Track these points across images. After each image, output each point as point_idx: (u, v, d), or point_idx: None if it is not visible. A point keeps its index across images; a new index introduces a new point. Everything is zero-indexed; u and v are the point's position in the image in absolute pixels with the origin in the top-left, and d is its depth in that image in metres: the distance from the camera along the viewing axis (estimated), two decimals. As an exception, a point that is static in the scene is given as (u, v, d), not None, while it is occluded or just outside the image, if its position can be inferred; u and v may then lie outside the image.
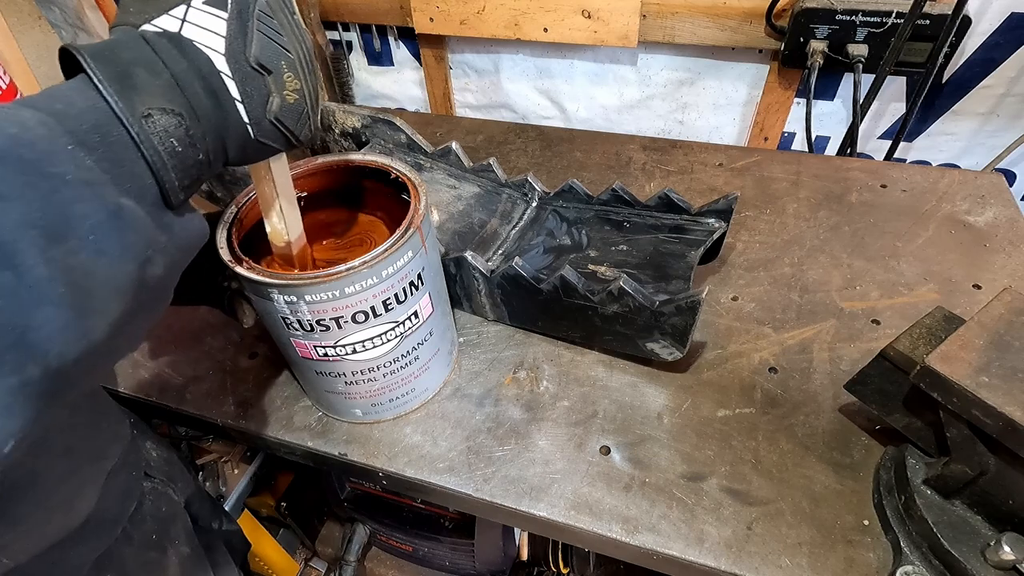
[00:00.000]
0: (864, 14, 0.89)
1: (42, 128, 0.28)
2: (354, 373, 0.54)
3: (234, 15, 0.36)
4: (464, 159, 0.79)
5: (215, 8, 0.35)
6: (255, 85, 0.37)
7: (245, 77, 0.36)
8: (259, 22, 0.36)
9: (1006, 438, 0.40)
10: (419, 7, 1.12)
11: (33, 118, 0.28)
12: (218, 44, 0.35)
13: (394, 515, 0.91)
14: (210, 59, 0.35)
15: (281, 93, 0.38)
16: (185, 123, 0.34)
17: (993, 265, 0.72)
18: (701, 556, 0.49)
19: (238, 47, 0.36)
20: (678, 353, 0.58)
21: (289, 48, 0.38)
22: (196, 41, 0.35)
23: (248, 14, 0.36)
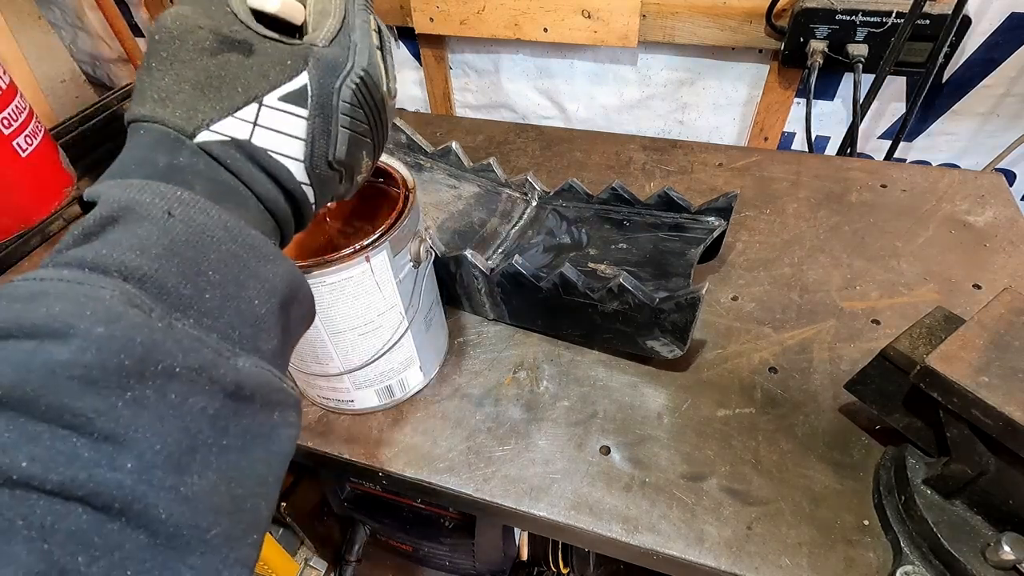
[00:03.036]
0: (864, 14, 0.89)
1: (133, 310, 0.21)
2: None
3: (316, 111, 0.29)
4: (464, 159, 0.79)
5: (294, 106, 0.28)
6: (331, 184, 0.31)
7: (323, 181, 0.30)
8: (344, 116, 0.29)
9: (1006, 438, 0.40)
10: (419, 7, 1.12)
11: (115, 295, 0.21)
12: (297, 150, 0.29)
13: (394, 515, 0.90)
14: (290, 170, 0.29)
15: (355, 179, 0.33)
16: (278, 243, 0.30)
17: (993, 265, 0.72)
18: (701, 556, 0.49)
19: (320, 150, 0.29)
20: (678, 350, 0.58)
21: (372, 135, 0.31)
22: (272, 150, 0.28)
23: (332, 108, 0.29)
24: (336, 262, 0.47)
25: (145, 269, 0.23)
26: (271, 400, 0.25)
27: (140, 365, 0.21)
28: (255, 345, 0.25)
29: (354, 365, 0.55)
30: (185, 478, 0.21)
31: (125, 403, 0.20)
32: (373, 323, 0.53)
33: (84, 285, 0.21)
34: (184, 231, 0.24)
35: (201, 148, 0.27)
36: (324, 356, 0.54)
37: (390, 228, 0.49)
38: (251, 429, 0.24)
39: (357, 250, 0.47)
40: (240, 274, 0.25)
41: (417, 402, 0.62)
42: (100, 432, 0.19)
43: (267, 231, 0.29)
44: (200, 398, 0.22)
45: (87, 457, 0.19)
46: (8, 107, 0.83)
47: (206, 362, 0.23)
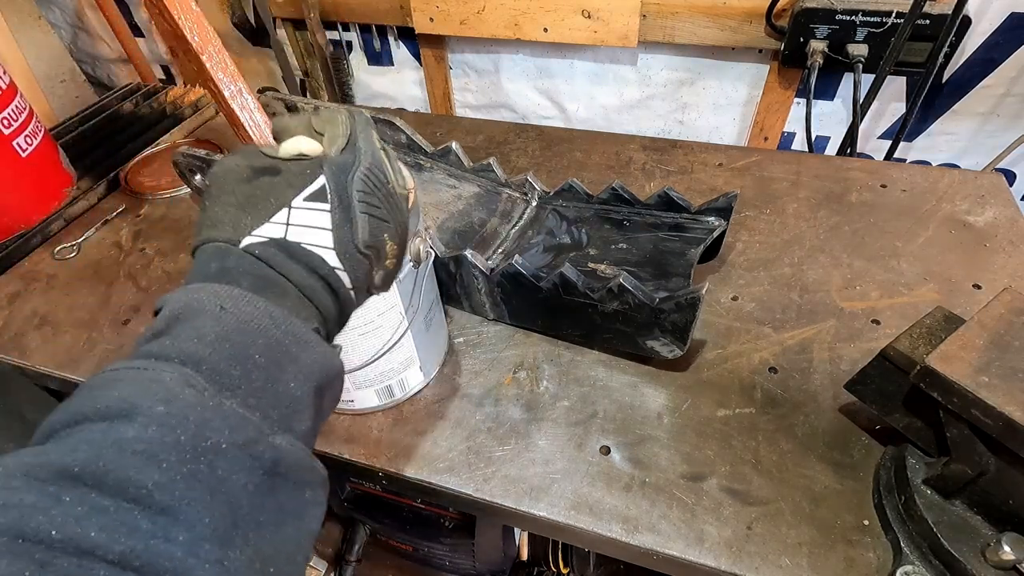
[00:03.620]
0: (864, 14, 0.89)
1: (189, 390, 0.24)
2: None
3: (336, 204, 0.32)
4: (464, 159, 0.79)
5: (317, 202, 0.32)
6: (362, 267, 0.34)
7: (355, 264, 0.33)
8: (360, 203, 0.33)
9: (1006, 438, 0.40)
10: (419, 7, 1.12)
11: (175, 377, 0.24)
12: (326, 239, 0.32)
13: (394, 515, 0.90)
14: (322, 258, 0.32)
15: (383, 263, 0.36)
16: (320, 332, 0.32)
17: (993, 265, 0.72)
18: (701, 556, 0.49)
19: (346, 237, 0.33)
20: (679, 350, 0.58)
21: (389, 218, 0.35)
22: (304, 243, 0.31)
23: (349, 198, 0.33)
24: None
25: (201, 354, 0.26)
26: (303, 479, 0.27)
27: (194, 441, 0.23)
28: (290, 425, 0.28)
29: (354, 365, 0.55)
30: (228, 552, 0.23)
31: (182, 477, 0.22)
32: (373, 323, 0.53)
33: (149, 371, 0.25)
34: (234, 321, 0.27)
35: (246, 251, 0.30)
36: (324, 356, 0.54)
37: None
38: (285, 506, 0.26)
39: None
40: (282, 358, 0.28)
41: (417, 402, 0.62)
42: (158, 505, 0.21)
43: (310, 319, 0.31)
44: (242, 474, 0.24)
45: (145, 529, 0.21)
46: (8, 107, 0.83)
47: (249, 439, 0.25)
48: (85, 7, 1.48)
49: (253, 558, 0.24)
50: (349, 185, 0.33)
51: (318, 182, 0.32)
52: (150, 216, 0.91)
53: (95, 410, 0.23)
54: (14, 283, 0.81)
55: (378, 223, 0.34)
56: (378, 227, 0.34)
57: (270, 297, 0.30)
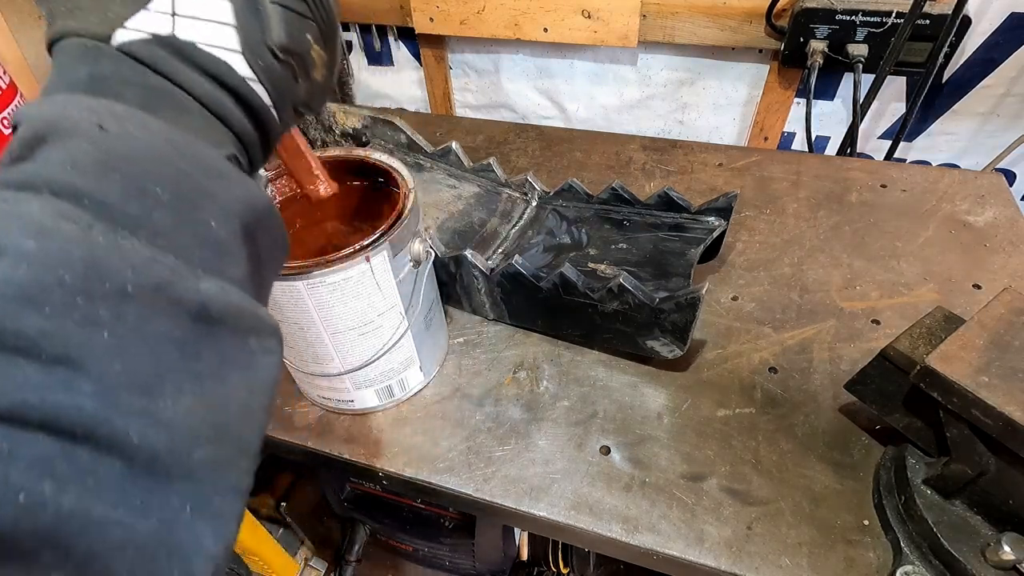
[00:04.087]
0: (864, 14, 0.89)
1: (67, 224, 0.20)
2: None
3: None
4: (464, 159, 0.79)
5: None
6: (283, 78, 0.28)
7: (271, 72, 0.27)
8: None
9: (1006, 438, 0.40)
10: (419, 7, 1.12)
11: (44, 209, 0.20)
12: (229, 38, 0.25)
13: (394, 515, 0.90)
14: (228, 63, 0.26)
15: (310, 75, 0.29)
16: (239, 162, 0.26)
17: (993, 265, 0.72)
18: (701, 556, 0.49)
19: (255, 36, 0.26)
20: (679, 350, 0.58)
21: (312, 14, 0.28)
22: (200, 42, 0.25)
23: None
24: (336, 262, 0.47)
25: (79, 185, 0.20)
26: (245, 326, 0.24)
27: (85, 283, 0.19)
28: (219, 269, 0.23)
29: (354, 365, 0.55)
30: (157, 402, 0.20)
31: (75, 323, 0.18)
32: (373, 323, 0.53)
33: (8, 203, 0.20)
34: (121, 146, 0.22)
35: (123, 52, 0.24)
36: (324, 356, 0.54)
37: (390, 228, 0.49)
38: (227, 356, 0.23)
39: (357, 250, 0.47)
40: (192, 193, 0.23)
41: (417, 402, 0.62)
42: (49, 355, 0.18)
43: (222, 145, 0.26)
44: (162, 320, 0.21)
45: (37, 381, 0.17)
46: (8, 107, 0.83)
47: (163, 281, 0.21)
48: (85, 7, 1.48)
49: (193, 407, 0.21)
50: None
51: None
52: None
53: None
54: (14, 283, 0.81)
55: (297, 18, 0.28)
56: (298, 23, 0.28)
57: (166, 116, 0.24)
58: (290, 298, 0.49)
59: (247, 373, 0.24)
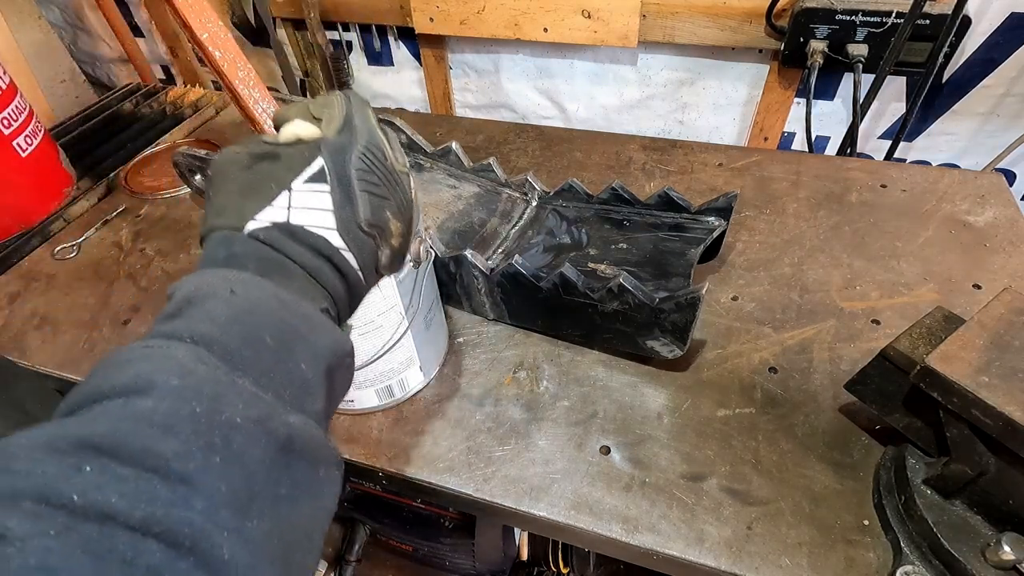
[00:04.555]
0: (864, 14, 0.89)
1: (202, 366, 0.25)
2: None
3: (335, 184, 0.33)
4: (464, 159, 0.79)
5: (317, 183, 0.33)
6: (367, 246, 0.35)
7: (359, 243, 0.34)
8: (359, 182, 0.34)
9: (1006, 438, 0.40)
10: (419, 7, 1.12)
11: (187, 354, 0.25)
12: (328, 220, 0.33)
13: (394, 515, 0.90)
14: (326, 238, 0.32)
15: (388, 242, 0.36)
16: (330, 313, 0.32)
17: (993, 265, 0.72)
18: (701, 556, 0.49)
19: (347, 216, 0.33)
20: (678, 350, 0.58)
21: (390, 195, 0.36)
22: (307, 225, 0.32)
23: (348, 178, 0.34)
24: None
25: (213, 335, 0.27)
26: (317, 456, 0.28)
27: (209, 413, 0.24)
28: (302, 405, 0.28)
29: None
30: (246, 522, 0.23)
31: (198, 448, 0.23)
32: (373, 323, 0.53)
33: (162, 349, 0.25)
34: (244, 303, 0.28)
35: (251, 237, 0.31)
36: (324, 356, 0.54)
37: None
38: (300, 483, 0.27)
39: None
40: (291, 340, 0.29)
41: (417, 402, 0.62)
42: (176, 474, 0.22)
43: (318, 300, 0.32)
44: (257, 449, 0.25)
45: (164, 496, 0.21)
46: (8, 107, 0.83)
47: (263, 414, 0.25)
48: (85, 7, 1.48)
49: (271, 531, 0.24)
50: (347, 165, 0.34)
51: (316, 164, 0.33)
52: (150, 216, 0.91)
53: (111, 387, 0.24)
54: (14, 283, 0.81)
55: (379, 200, 0.35)
56: (379, 204, 0.35)
57: (277, 280, 0.30)
58: (290, 298, 0.49)
59: (314, 500, 0.28)
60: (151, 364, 0.25)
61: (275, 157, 0.33)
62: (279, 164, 0.33)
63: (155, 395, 0.23)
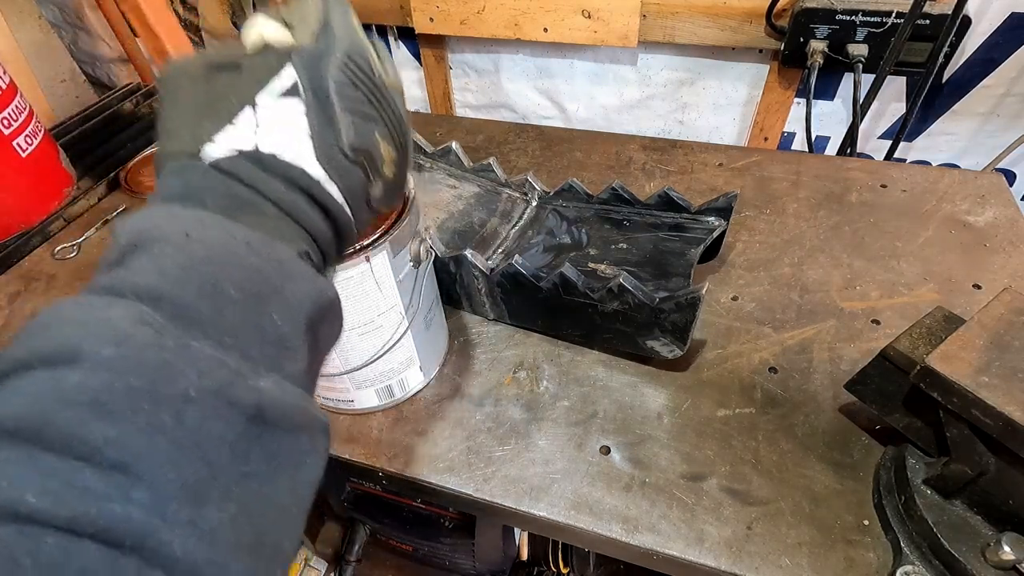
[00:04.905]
0: (864, 14, 0.89)
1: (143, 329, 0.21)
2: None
3: (311, 101, 0.28)
4: (464, 159, 0.79)
5: (288, 99, 0.27)
6: (354, 177, 0.29)
7: (343, 173, 0.29)
8: (341, 98, 0.28)
9: (1006, 438, 0.40)
10: (419, 7, 1.12)
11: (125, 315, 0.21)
12: (304, 146, 0.27)
13: (394, 515, 0.90)
14: (302, 168, 0.27)
15: (380, 172, 0.31)
16: (311, 257, 0.28)
17: (993, 265, 0.72)
18: (701, 556, 0.49)
19: (328, 140, 0.28)
20: (679, 350, 0.58)
21: (379, 115, 0.30)
22: (279, 153, 0.27)
23: (326, 93, 0.28)
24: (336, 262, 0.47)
25: (162, 289, 0.22)
26: (296, 423, 0.24)
27: (152, 387, 0.20)
28: (279, 365, 0.25)
29: (354, 365, 0.55)
30: (203, 511, 0.20)
31: (139, 429, 0.19)
32: (373, 323, 0.53)
33: (95, 308, 0.21)
34: (202, 249, 0.24)
35: (211, 166, 0.26)
36: (324, 356, 0.54)
37: (390, 228, 0.49)
38: (276, 455, 0.23)
39: (357, 250, 0.47)
40: (262, 290, 0.25)
41: (417, 402, 0.62)
42: (110, 462, 0.19)
43: (295, 242, 0.27)
44: (218, 423, 0.21)
45: (98, 490, 0.18)
46: (8, 107, 0.83)
47: (224, 382, 0.22)
48: (85, 7, 1.48)
49: (237, 515, 0.21)
50: (325, 77, 0.28)
51: (287, 75, 0.27)
52: (150, 216, 0.91)
53: (33, 355, 0.20)
54: (14, 283, 0.81)
55: (366, 121, 0.29)
56: (366, 126, 0.29)
57: (245, 220, 0.26)
58: (290, 298, 0.49)
59: (293, 473, 0.24)
60: (79, 328, 0.20)
61: (236, 67, 0.28)
62: (241, 76, 0.28)
63: (84, 367, 0.19)
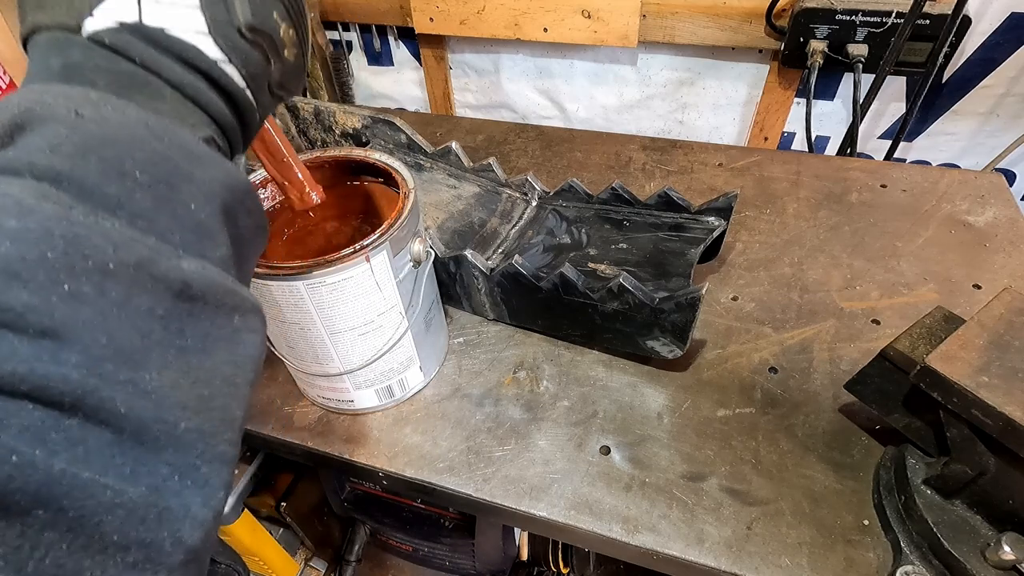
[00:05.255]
0: (864, 14, 0.89)
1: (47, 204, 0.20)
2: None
3: None
4: (464, 159, 0.79)
5: None
6: (253, 59, 0.28)
7: (241, 53, 0.27)
8: None
9: (1006, 438, 0.40)
10: (419, 7, 1.12)
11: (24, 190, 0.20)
12: (196, 21, 0.25)
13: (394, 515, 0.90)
14: (197, 47, 0.26)
15: (281, 55, 0.29)
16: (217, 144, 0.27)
17: (993, 265, 0.72)
18: (701, 556, 0.49)
19: (221, 16, 0.26)
20: (678, 350, 0.58)
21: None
22: (168, 28, 0.25)
23: None
24: (336, 262, 0.47)
25: (58, 168, 0.21)
26: (227, 303, 0.24)
27: (67, 259, 0.19)
28: (199, 251, 0.24)
29: (354, 365, 0.55)
30: (142, 374, 0.20)
31: (60, 297, 0.19)
32: (373, 323, 0.53)
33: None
34: (97, 131, 0.22)
35: (93, 42, 0.24)
36: (324, 356, 0.54)
37: (390, 228, 0.49)
38: (211, 332, 0.23)
39: (357, 250, 0.47)
40: (170, 175, 0.23)
41: (417, 402, 0.62)
42: (35, 327, 0.18)
43: (199, 128, 0.26)
44: (144, 297, 0.21)
45: (25, 352, 0.18)
46: (8, 107, 0.83)
47: (143, 259, 0.21)
48: (85, 7, 1.48)
49: (179, 380, 0.21)
50: None
51: None
52: (150, 216, 0.91)
53: None
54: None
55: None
56: (263, 4, 0.28)
57: (140, 101, 0.24)
58: (290, 298, 0.49)
59: (231, 348, 0.24)
60: None
61: None
62: None
63: None
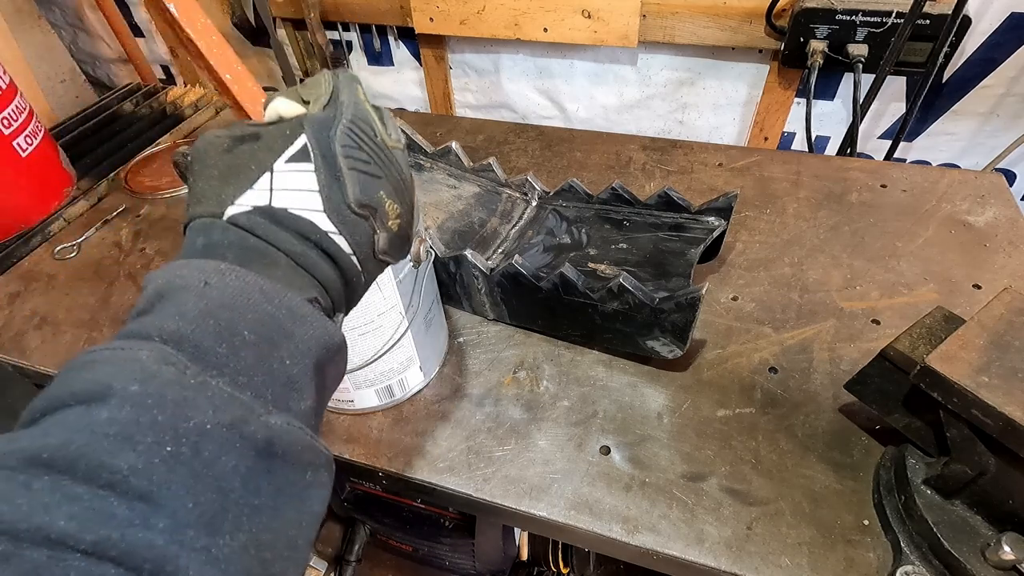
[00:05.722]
0: (864, 14, 0.89)
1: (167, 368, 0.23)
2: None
3: (320, 163, 0.31)
4: (464, 159, 0.79)
5: (300, 163, 0.30)
6: (361, 230, 0.32)
7: (350, 225, 0.31)
8: (346, 159, 0.31)
9: (1006, 438, 0.40)
10: (419, 7, 1.12)
11: (151, 355, 0.23)
12: (314, 202, 0.30)
13: (394, 515, 0.90)
14: (312, 221, 0.30)
15: (386, 225, 0.33)
16: (320, 304, 0.30)
17: (993, 265, 0.72)
18: (701, 556, 0.49)
19: (335, 196, 0.31)
20: (678, 350, 0.58)
21: (383, 174, 0.33)
22: (291, 208, 0.30)
23: (333, 155, 0.31)
24: None
25: (183, 331, 0.24)
26: (303, 459, 0.26)
27: (173, 421, 0.22)
28: (287, 404, 0.27)
29: (354, 365, 0.55)
30: (217, 539, 0.22)
31: (161, 460, 0.21)
32: (373, 323, 0.53)
33: (125, 350, 0.23)
34: (219, 296, 0.26)
35: (231, 223, 0.29)
36: (324, 356, 0.54)
37: None
38: (283, 488, 0.25)
39: None
40: (274, 334, 0.27)
41: (417, 402, 0.62)
42: (135, 491, 0.20)
43: (306, 289, 0.30)
44: (231, 455, 0.23)
45: (121, 516, 0.20)
46: (8, 107, 0.83)
47: (238, 418, 0.24)
48: (85, 7, 1.48)
49: (247, 544, 0.23)
50: (332, 141, 0.31)
51: (299, 141, 0.31)
52: (150, 216, 0.91)
53: (70, 394, 0.22)
54: (14, 283, 0.81)
55: (369, 179, 0.32)
56: (370, 183, 0.32)
57: (259, 269, 0.28)
58: (290, 298, 0.49)
59: (299, 506, 0.26)
60: (111, 368, 0.23)
61: (256, 138, 0.31)
62: (260, 144, 0.31)
63: (113, 403, 0.21)
